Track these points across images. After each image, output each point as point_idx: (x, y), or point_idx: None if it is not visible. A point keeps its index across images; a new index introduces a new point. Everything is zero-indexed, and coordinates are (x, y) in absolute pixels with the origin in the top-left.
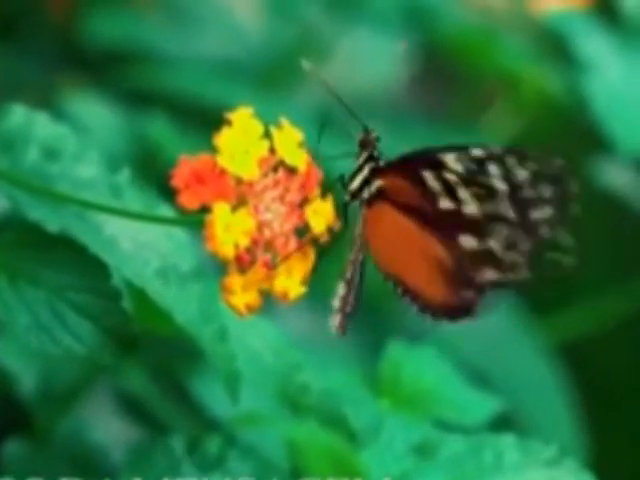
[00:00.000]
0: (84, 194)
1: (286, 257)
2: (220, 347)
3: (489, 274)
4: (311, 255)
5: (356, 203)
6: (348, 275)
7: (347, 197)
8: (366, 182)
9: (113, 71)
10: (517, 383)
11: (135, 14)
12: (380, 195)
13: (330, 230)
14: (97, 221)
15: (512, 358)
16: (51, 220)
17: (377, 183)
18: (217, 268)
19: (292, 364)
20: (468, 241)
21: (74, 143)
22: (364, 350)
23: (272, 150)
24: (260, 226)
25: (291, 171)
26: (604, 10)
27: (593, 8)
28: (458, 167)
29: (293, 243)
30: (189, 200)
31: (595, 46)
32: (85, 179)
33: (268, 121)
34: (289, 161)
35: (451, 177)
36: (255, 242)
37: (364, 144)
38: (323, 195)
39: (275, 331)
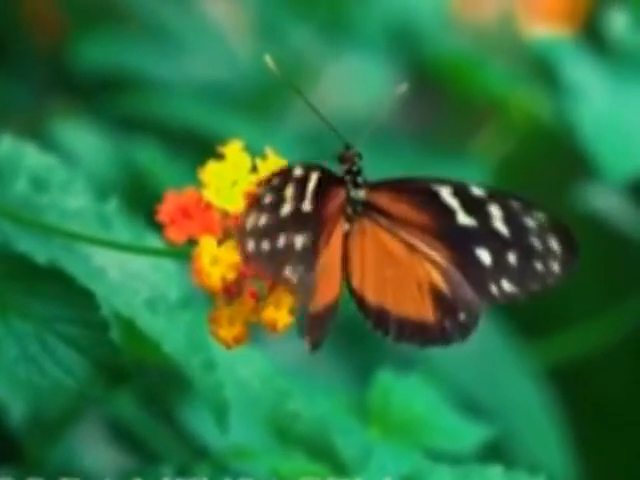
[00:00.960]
0: (72, 224)
1: (273, 288)
2: (208, 377)
3: (506, 286)
4: None
5: None
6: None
7: None
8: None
9: (102, 97)
10: (508, 409)
11: (124, 39)
12: (364, 210)
13: None
14: (85, 252)
15: (503, 384)
16: (39, 251)
17: (361, 196)
18: (205, 298)
19: (281, 392)
20: (485, 255)
21: (62, 173)
22: (353, 377)
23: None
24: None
25: None
26: (591, 36)
27: (580, 34)
28: (453, 202)
29: None
30: (176, 234)
31: (581, 72)
32: (73, 209)
33: (258, 147)
34: None
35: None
36: (242, 275)
37: (343, 159)
38: None
39: (264, 359)
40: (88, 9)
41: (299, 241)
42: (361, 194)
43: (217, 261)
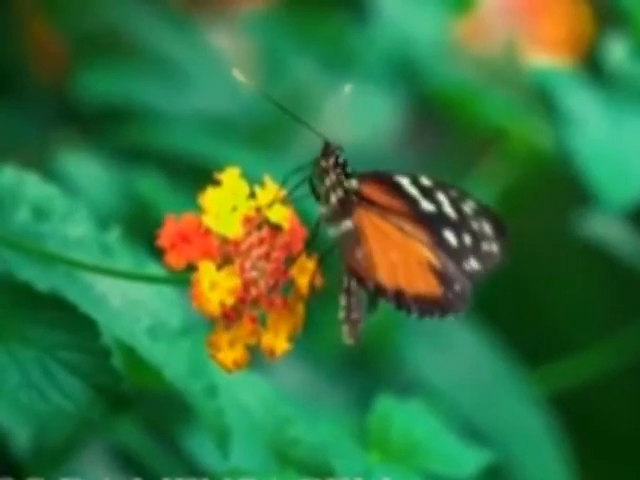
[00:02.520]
0: (74, 253)
1: (272, 314)
2: (209, 403)
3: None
4: (298, 311)
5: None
6: (345, 285)
7: (315, 200)
8: (333, 188)
9: (106, 128)
10: (509, 435)
11: (128, 71)
12: (357, 201)
13: (313, 286)
14: (87, 279)
15: (504, 409)
16: (41, 279)
17: (351, 188)
18: (206, 324)
19: (282, 418)
20: (451, 237)
21: (63, 203)
22: (353, 402)
23: (257, 209)
24: (246, 284)
25: (276, 229)
26: (592, 65)
27: (581, 63)
28: (412, 190)
29: (279, 300)
30: (175, 259)
31: (580, 101)
32: (75, 238)
33: (258, 177)
34: (273, 219)
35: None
36: (241, 300)
37: (326, 153)
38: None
39: (265, 385)
40: (91, 41)
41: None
42: (354, 184)
43: (216, 286)
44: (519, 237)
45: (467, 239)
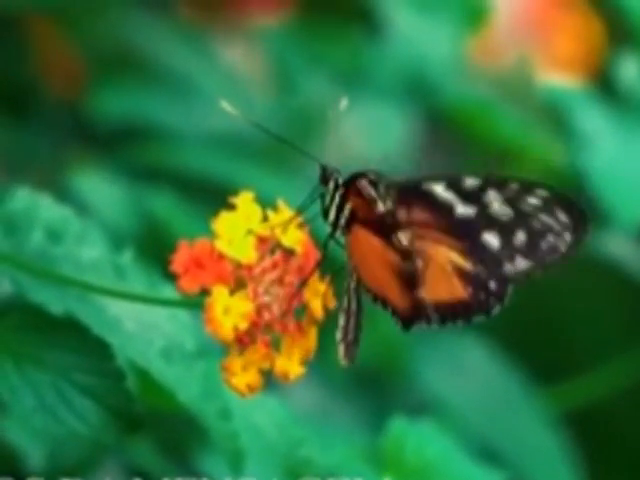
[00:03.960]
0: (87, 275)
1: (286, 339)
2: (223, 425)
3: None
4: (311, 335)
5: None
6: (345, 304)
7: (330, 229)
8: (339, 209)
9: (120, 147)
10: (523, 454)
11: (142, 89)
12: (352, 218)
13: (326, 309)
14: (100, 302)
15: (518, 429)
16: (54, 302)
17: (347, 207)
18: (220, 348)
19: (295, 439)
20: (491, 238)
21: (77, 224)
22: (366, 423)
23: (270, 233)
24: (259, 309)
25: (289, 253)
26: (605, 84)
27: (594, 82)
28: (448, 195)
29: (292, 324)
30: (189, 284)
31: (592, 120)
32: (88, 260)
33: (273, 198)
34: (286, 243)
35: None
36: (254, 324)
37: (325, 179)
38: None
39: (278, 406)
40: (106, 59)
41: None
42: (348, 204)
43: (229, 311)
44: None
45: (520, 237)
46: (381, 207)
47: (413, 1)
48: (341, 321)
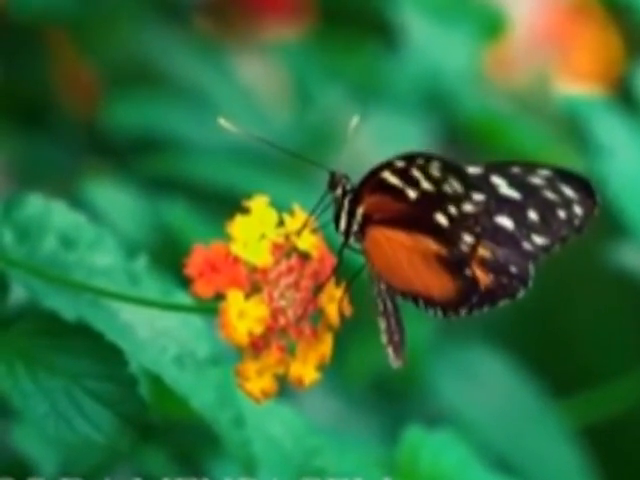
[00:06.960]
0: (101, 282)
1: (301, 344)
2: (236, 433)
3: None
4: (327, 341)
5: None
6: (381, 308)
7: (342, 238)
8: (350, 215)
9: (135, 158)
10: (539, 466)
11: (158, 101)
12: (366, 221)
13: (342, 316)
14: (113, 308)
15: (534, 441)
16: (67, 308)
17: (359, 212)
18: (234, 354)
19: (310, 448)
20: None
21: (90, 231)
22: (382, 432)
23: (285, 237)
24: (274, 313)
25: (304, 257)
26: (620, 95)
27: (612, 93)
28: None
29: (308, 329)
30: (203, 288)
31: (610, 131)
32: (101, 267)
33: (287, 207)
34: (302, 247)
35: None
36: (269, 329)
37: (333, 185)
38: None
39: (294, 415)
40: (121, 72)
41: None
42: (360, 209)
43: (244, 315)
44: (548, 268)
45: (532, 215)
46: (412, 194)
47: (430, 13)
48: (382, 325)
